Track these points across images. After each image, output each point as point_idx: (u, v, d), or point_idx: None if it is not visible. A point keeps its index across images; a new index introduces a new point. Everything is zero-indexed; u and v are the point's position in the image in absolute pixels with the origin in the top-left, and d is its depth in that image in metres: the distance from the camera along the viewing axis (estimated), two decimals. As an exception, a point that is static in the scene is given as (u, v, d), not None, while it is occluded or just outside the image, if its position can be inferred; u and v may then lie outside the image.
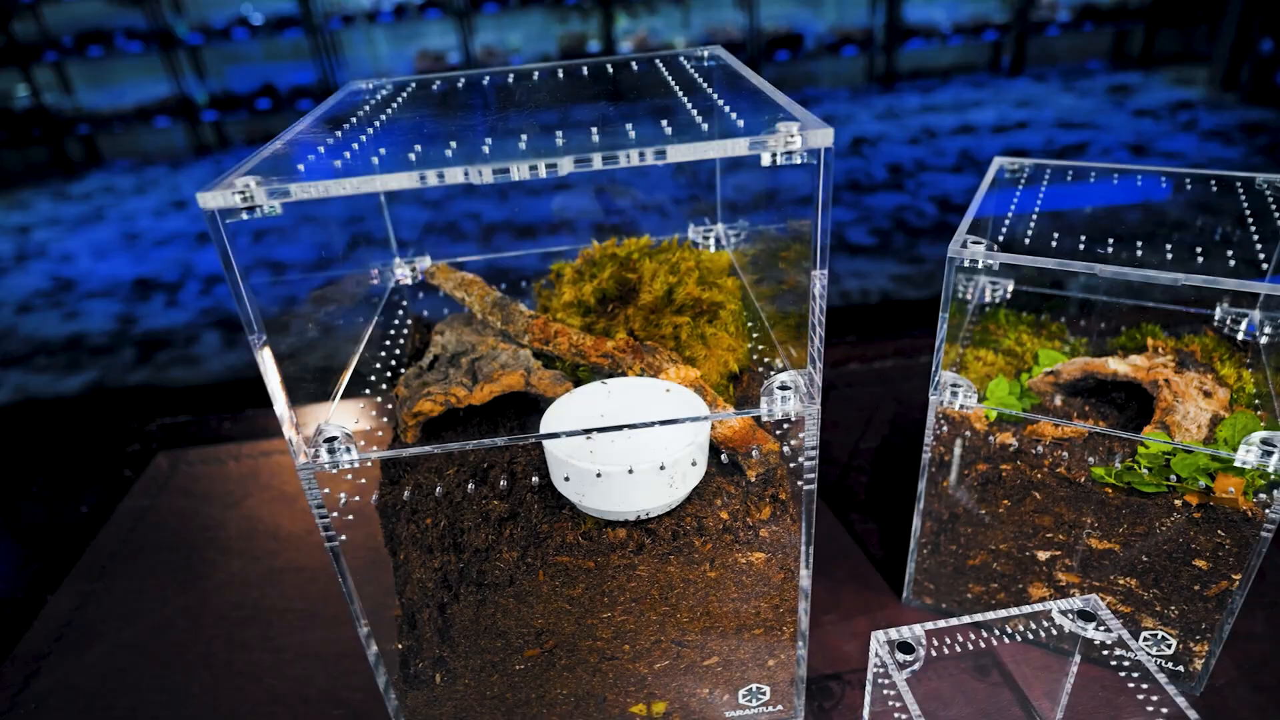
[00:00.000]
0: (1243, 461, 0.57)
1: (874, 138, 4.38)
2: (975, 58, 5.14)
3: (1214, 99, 3.97)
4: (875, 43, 4.96)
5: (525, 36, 5.16)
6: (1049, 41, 4.94)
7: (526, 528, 0.59)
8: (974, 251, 0.60)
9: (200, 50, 4.79)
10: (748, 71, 0.60)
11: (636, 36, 5.03)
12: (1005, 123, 4.30)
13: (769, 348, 0.70)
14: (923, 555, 0.76)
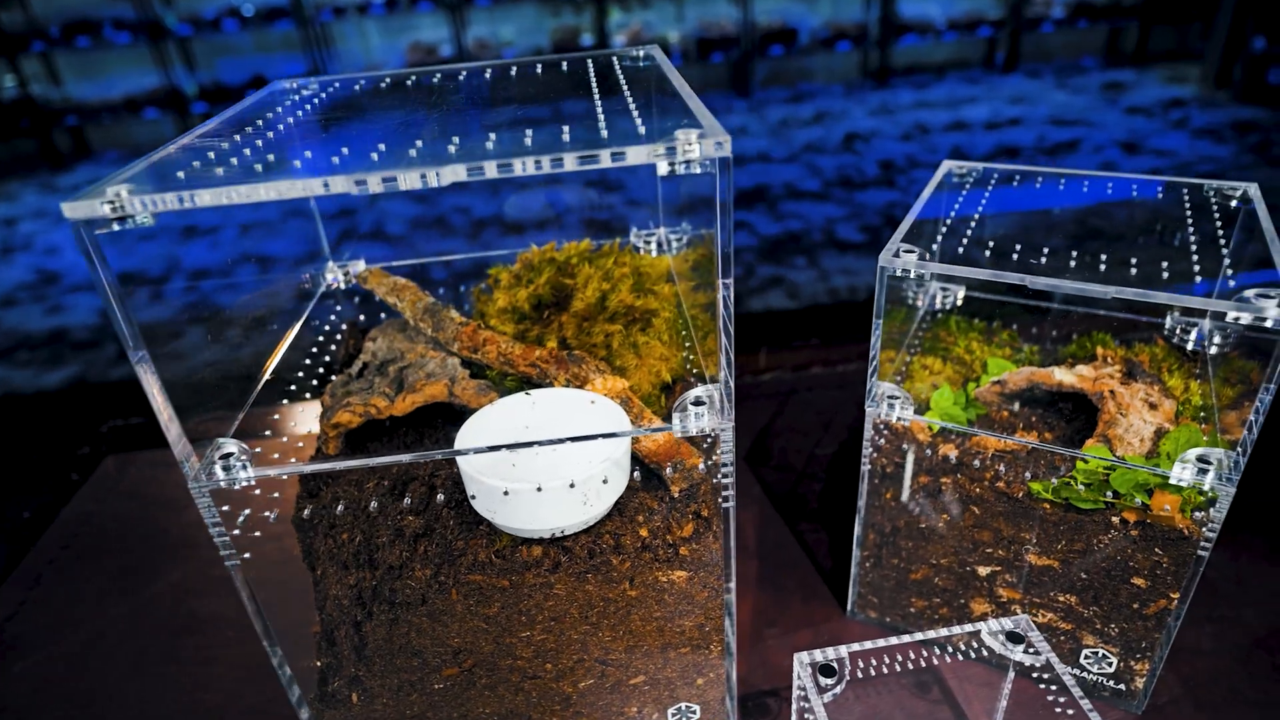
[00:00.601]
0: (1178, 479, 0.56)
1: (867, 134, 4.35)
2: (970, 54, 5.11)
3: (1206, 97, 3.94)
4: (870, 38, 4.92)
5: (518, 29, 5.13)
6: (1043, 38, 4.91)
7: (441, 544, 0.57)
8: (906, 261, 0.58)
9: (190, 41, 4.76)
10: (674, 74, 0.58)
11: (630, 30, 5.00)
12: (998, 119, 4.27)
13: (705, 357, 0.68)
14: (865, 569, 0.74)
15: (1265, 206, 0.63)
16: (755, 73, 5.07)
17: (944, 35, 4.87)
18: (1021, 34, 4.79)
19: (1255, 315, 0.50)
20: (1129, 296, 0.53)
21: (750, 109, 4.93)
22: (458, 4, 4.79)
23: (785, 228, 3.40)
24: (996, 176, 0.75)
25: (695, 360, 0.68)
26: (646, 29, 5.01)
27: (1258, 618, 0.75)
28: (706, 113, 0.47)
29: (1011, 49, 4.84)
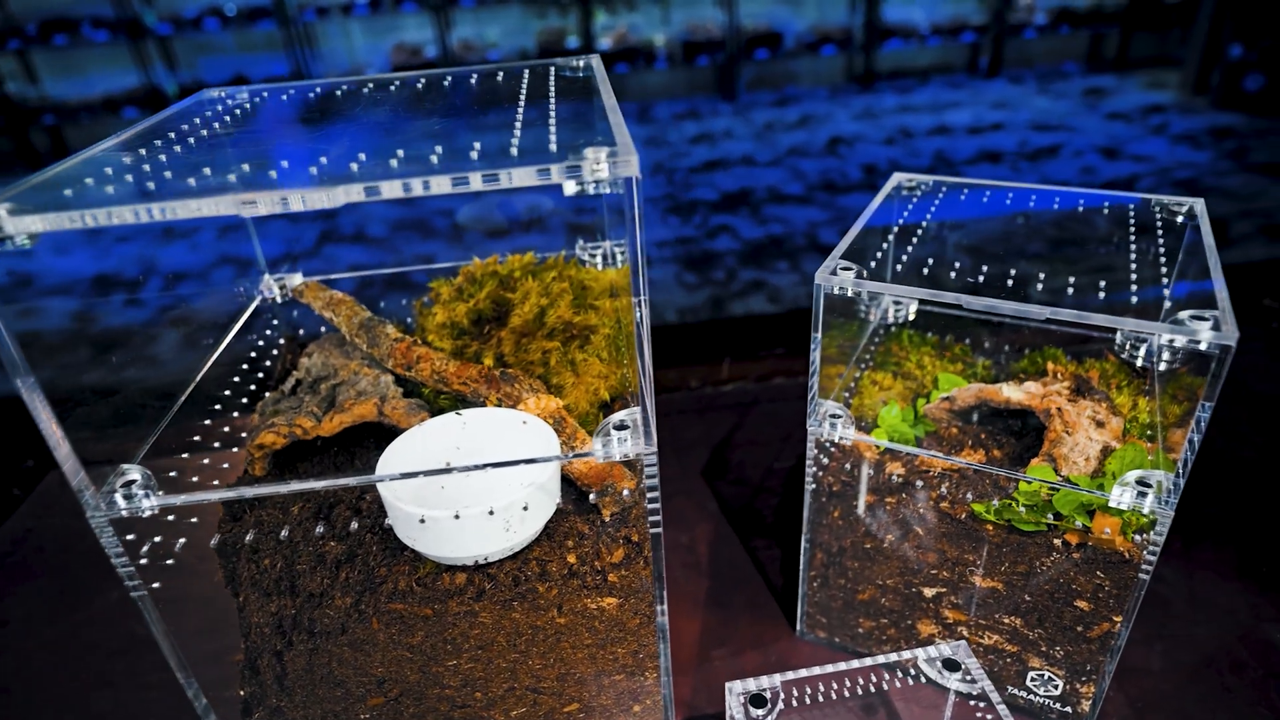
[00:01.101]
0: (1117, 502, 0.54)
1: (850, 138, 4.35)
2: (953, 58, 5.13)
3: (1185, 103, 3.96)
4: (854, 42, 4.93)
5: (503, 31, 5.11)
6: (1026, 44, 4.93)
7: (363, 571, 0.55)
8: (843, 280, 0.57)
9: (170, 40, 4.71)
10: (606, 87, 0.57)
11: (616, 33, 4.99)
12: (980, 124, 4.28)
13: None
14: (813, 589, 0.73)
15: (1209, 223, 0.62)
16: (741, 76, 5.07)
17: (928, 40, 4.88)
18: (1004, 39, 4.81)
19: (1189, 338, 0.49)
20: (1064, 318, 0.52)
21: (736, 112, 4.93)
22: (442, 5, 4.77)
23: (768, 231, 3.39)
24: (944, 190, 0.74)
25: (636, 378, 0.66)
26: (632, 31, 5.00)
27: (1209, 635, 0.74)
28: (623, 129, 0.45)
29: (995, 54, 4.86)
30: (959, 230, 0.74)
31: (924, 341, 0.80)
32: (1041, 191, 0.72)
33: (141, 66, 4.64)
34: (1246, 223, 2.80)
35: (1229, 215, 2.84)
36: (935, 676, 0.54)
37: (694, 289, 2.84)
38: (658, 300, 2.79)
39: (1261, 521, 0.86)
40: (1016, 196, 0.73)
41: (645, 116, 4.91)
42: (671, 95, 5.26)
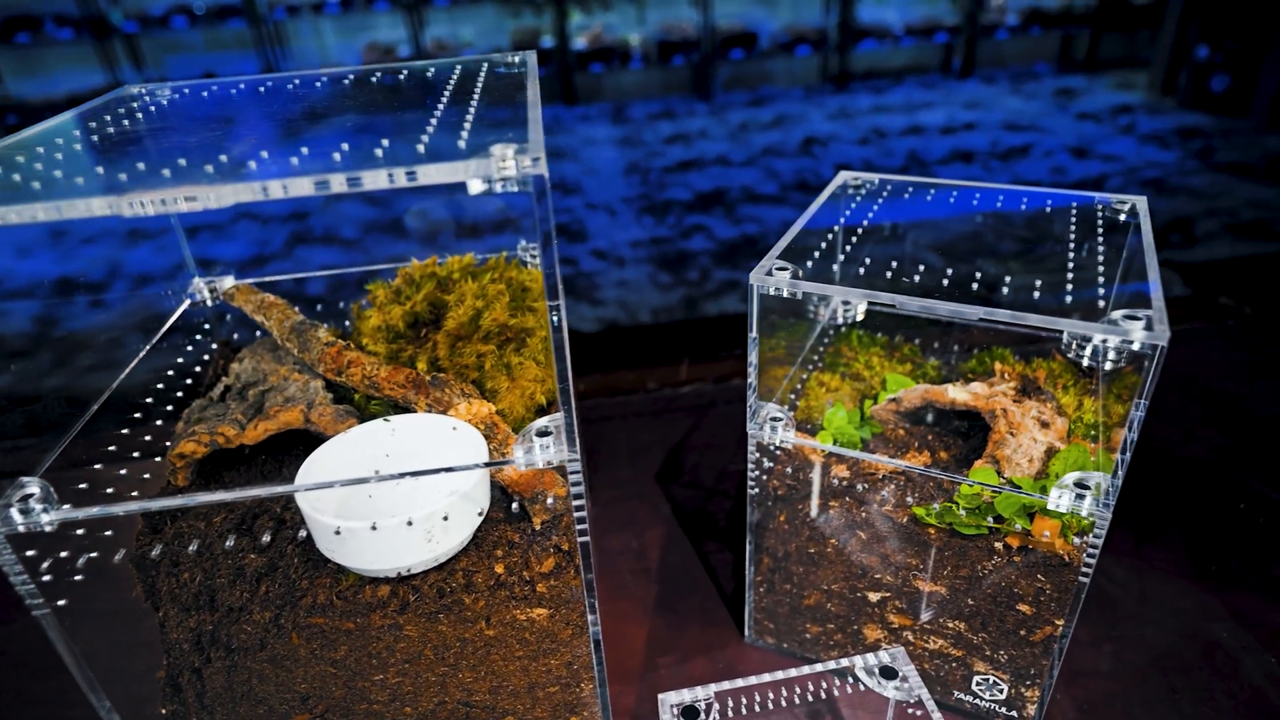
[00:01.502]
0: (1055, 505, 0.54)
1: (825, 138, 4.37)
2: (927, 59, 5.16)
3: (1153, 103, 4.01)
4: (829, 43, 4.95)
5: (478, 30, 5.07)
6: (999, 44, 4.97)
7: (284, 585, 0.53)
8: (778, 280, 0.55)
9: (137, 39, 4.62)
10: (533, 84, 0.55)
11: (591, 32, 4.97)
12: (953, 124, 4.31)
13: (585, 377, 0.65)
14: (760, 594, 0.71)
15: (1150, 221, 0.62)
16: (716, 76, 5.07)
17: (902, 41, 4.91)
18: (977, 40, 4.85)
19: (1122, 339, 0.48)
20: (999, 319, 0.51)
21: (711, 112, 4.93)
22: (415, 4, 4.72)
23: (742, 231, 3.39)
24: (890, 188, 0.73)
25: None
26: (608, 31, 4.98)
27: (1158, 636, 0.74)
28: (537, 126, 0.44)
29: (968, 55, 4.89)
30: (906, 229, 0.73)
31: (873, 342, 0.79)
32: (988, 191, 0.71)
33: (107, 65, 4.56)
34: (1212, 221, 2.83)
35: (1195, 214, 2.88)
36: (872, 684, 0.53)
37: (668, 289, 2.83)
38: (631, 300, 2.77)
39: (1213, 520, 0.86)
40: (964, 195, 0.72)
41: (620, 116, 4.90)
42: (647, 95, 5.25)
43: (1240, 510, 0.87)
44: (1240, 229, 2.73)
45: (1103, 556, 0.82)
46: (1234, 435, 0.97)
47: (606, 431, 1.05)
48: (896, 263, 0.76)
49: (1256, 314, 1.19)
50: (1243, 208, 2.89)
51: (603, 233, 3.28)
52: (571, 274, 2.83)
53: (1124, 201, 0.66)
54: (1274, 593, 0.77)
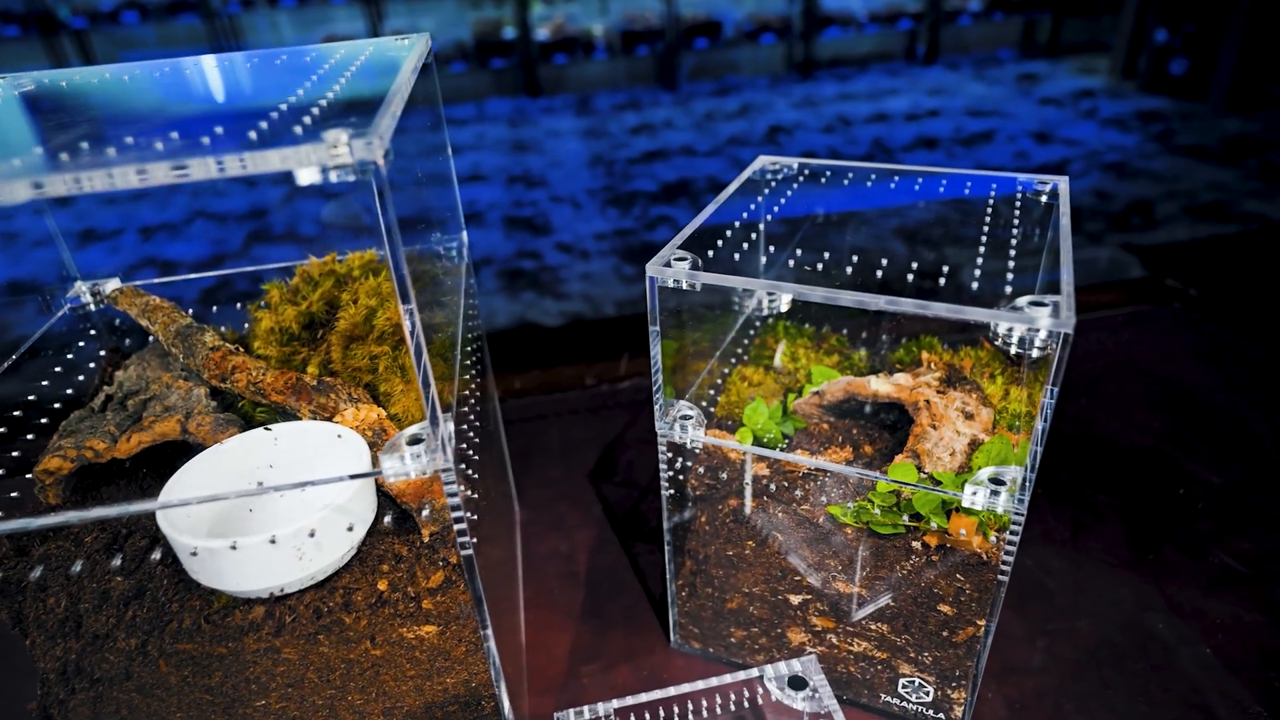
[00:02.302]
0: (970, 502, 0.51)
1: (790, 126, 4.34)
2: (892, 46, 5.16)
3: (1114, 87, 4.04)
4: (794, 30, 4.92)
5: (438, 23, 4.99)
6: (962, 30, 4.98)
7: (153, 608, 0.49)
8: (677, 271, 0.52)
9: (86, 35, 4.48)
10: (409, 65, 0.51)
11: (553, 23, 4.91)
12: (917, 111, 4.31)
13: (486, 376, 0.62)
14: (682, 598, 0.69)
15: (1069, 204, 0.59)
16: (681, 66, 5.03)
17: (866, 28, 4.90)
18: (940, 26, 4.85)
19: (1028, 326, 0.46)
20: (903, 309, 0.49)
21: (676, 102, 4.89)
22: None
23: (705, 222, 3.34)
24: (807, 172, 0.70)
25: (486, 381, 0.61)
26: (570, 22, 4.92)
27: (1092, 629, 0.72)
28: (391, 112, 0.40)
29: (931, 41, 4.90)
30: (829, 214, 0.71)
31: (800, 333, 0.76)
32: (912, 174, 0.69)
33: (56, 63, 4.42)
34: (1172, 204, 2.85)
35: (1155, 197, 2.89)
36: (781, 696, 0.50)
37: (632, 281, 2.80)
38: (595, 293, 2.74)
39: (1153, 507, 0.84)
40: (887, 179, 0.69)
41: (585, 108, 4.85)
42: (612, 86, 5.20)
43: (1180, 496, 0.86)
44: (1199, 211, 2.75)
45: (1040, 548, 0.81)
46: (1176, 420, 0.96)
47: (541, 430, 1.01)
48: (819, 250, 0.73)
49: (1202, 296, 1.19)
50: (1201, 190, 2.91)
51: (567, 226, 3.23)
52: (535, 268, 2.79)
53: (1045, 182, 0.64)
54: (1211, 581, 0.76)
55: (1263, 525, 0.81)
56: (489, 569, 0.62)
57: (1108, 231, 2.64)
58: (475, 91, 5.10)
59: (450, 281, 0.69)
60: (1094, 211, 2.79)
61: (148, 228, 3.46)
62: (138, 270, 3.05)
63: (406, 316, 0.40)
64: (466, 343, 0.64)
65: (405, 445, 0.44)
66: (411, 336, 0.40)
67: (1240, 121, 3.44)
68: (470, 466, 0.56)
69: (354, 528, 0.48)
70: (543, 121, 4.62)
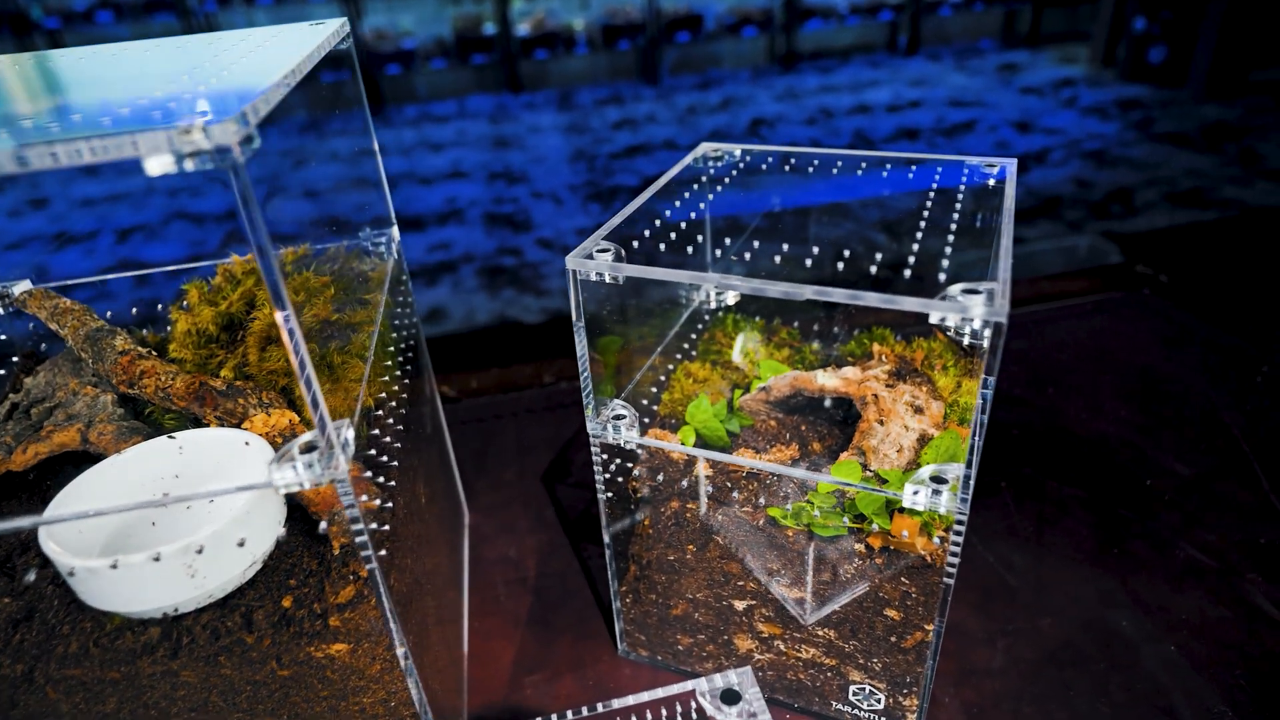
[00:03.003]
0: (911, 502, 0.49)
1: (772, 119, 4.32)
2: (873, 37, 5.13)
3: (1094, 76, 4.03)
4: (775, 23, 4.90)
5: (418, 19, 4.94)
6: (943, 21, 4.96)
7: (42, 632, 0.46)
8: (599, 264, 0.49)
9: (60, 34, 4.41)
10: (301, 51, 0.48)
11: (534, 18, 4.87)
12: (899, 102, 4.29)
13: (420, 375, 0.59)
14: (626, 604, 0.66)
15: (1015, 187, 0.57)
16: (663, 60, 5.00)
17: (847, 20, 4.88)
18: (921, 17, 4.83)
19: (962, 315, 0.43)
20: (835, 299, 0.46)
21: (659, 96, 4.86)
22: (351, -8, 4.58)
23: (686, 217, 3.32)
24: (748, 159, 0.68)
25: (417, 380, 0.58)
26: (551, 17, 4.88)
27: (1055, 629, 0.70)
28: (269, 95, 0.37)
29: (912, 32, 4.88)
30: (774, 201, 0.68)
31: (750, 326, 0.73)
32: (858, 158, 0.66)
33: (27, 63, 4.34)
34: (1152, 191, 2.84)
35: (1135, 184, 2.88)
36: (714, 711, 0.48)
37: (606, 278, 2.76)
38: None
39: (1119, 499, 0.82)
40: (832, 163, 0.67)
41: (567, 103, 4.81)
42: (594, 81, 5.16)
43: (1147, 487, 0.83)
44: (1178, 198, 2.74)
45: (1003, 543, 0.78)
46: (1145, 409, 0.94)
47: (497, 430, 0.98)
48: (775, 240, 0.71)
49: (1172, 282, 1.16)
50: (1181, 177, 2.90)
51: (549, 221, 3.20)
52: (516, 264, 2.75)
53: (992, 165, 0.61)
54: (1176, 576, 0.74)
55: (1229, 516, 0.79)
56: (423, 579, 0.59)
57: (1088, 219, 2.63)
58: (456, 88, 5.06)
59: (374, 279, 0.66)
60: (1074, 199, 2.77)
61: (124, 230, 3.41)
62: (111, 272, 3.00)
63: (284, 323, 0.36)
64: (391, 343, 0.61)
65: (298, 454, 0.41)
66: (291, 340, 0.37)
67: (1219, 108, 3.43)
68: (388, 473, 0.53)
69: (246, 542, 0.45)
70: (524, 117, 4.58)
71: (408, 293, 0.71)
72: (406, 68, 4.79)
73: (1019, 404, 0.95)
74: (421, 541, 0.60)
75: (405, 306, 0.70)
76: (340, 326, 0.60)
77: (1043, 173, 3.07)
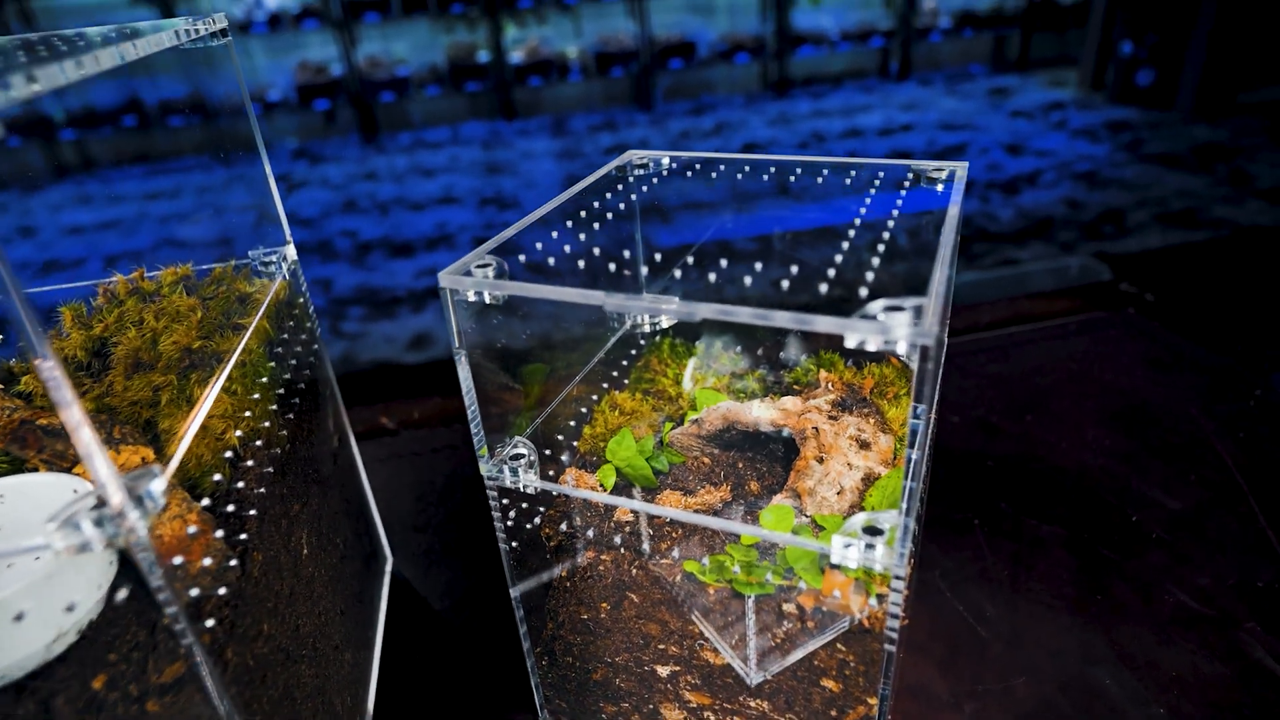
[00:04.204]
0: (841, 558, 0.42)
1: (765, 143, 4.29)
2: (865, 63, 5.14)
3: (1083, 99, 4.01)
4: (767, 50, 4.90)
5: (411, 46, 4.96)
6: (934, 47, 4.97)
7: None
8: (477, 281, 0.43)
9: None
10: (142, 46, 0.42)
11: (528, 46, 4.88)
12: (891, 125, 4.27)
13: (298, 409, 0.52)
14: (543, 666, 0.58)
15: (962, 191, 0.51)
16: (657, 86, 5.01)
17: (839, 46, 4.88)
18: (912, 43, 4.84)
19: (884, 338, 0.37)
20: (739, 319, 0.39)
21: (652, 122, 4.85)
22: (345, 21, 4.60)
23: (673, 241, 3.27)
24: (676, 165, 0.62)
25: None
26: (544, 45, 4.90)
27: (1030, 689, 0.62)
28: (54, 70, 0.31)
29: (903, 58, 4.88)
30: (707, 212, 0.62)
31: (688, 352, 0.67)
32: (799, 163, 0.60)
33: (18, 93, 4.34)
34: (1142, 212, 2.79)
35: (1126, 205, 2.83)
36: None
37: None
38: (554, 317, 2.64)
39: (1100, 538, 0.75)
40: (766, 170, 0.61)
41: (560, 129, 4.81)
42: (588, 107, 5.17)
43: (1132, 523, 0.76)
44: (1169, 218, 2.68)
45: (975, 589, 0.71)
46: (1130, 436, 0.87)
47: (434, 465, 0.91)
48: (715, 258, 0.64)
49: (1158, 301, 1.10)
50: (1172, 197, 2.85)
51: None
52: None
53: (940, 169, 0.55)
54: (1165, 625, 0.66)
55: (1223, 556, 0.72)
56: (298, 643, 0.52)
57: (1080, 240, 2.58)
58: (451, 115, 5.07)
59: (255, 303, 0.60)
60: (1066, 220, 2.72)
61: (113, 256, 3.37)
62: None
63: (42, 373, 0.30)
64: (269, 372, 0.54)
65: (85, 510, 0.34)
66: (50, 381, 0.31)
67: (1208, 129, 3.40)
68: (246, 525, 0.46)
69: (30, 614, 0.38)
70: (517, 144, 4.57)
71: (305, 317, 0.64)
72: (401, 95, 4.79)
73: (995, 432, 0.88)
74: (299, 600, 0.52)
75: (302, 332, 0.63)
76: (207, 355, 0.53)
77: (1034, 194, 3.03)
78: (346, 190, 4.00)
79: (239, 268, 0.63)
